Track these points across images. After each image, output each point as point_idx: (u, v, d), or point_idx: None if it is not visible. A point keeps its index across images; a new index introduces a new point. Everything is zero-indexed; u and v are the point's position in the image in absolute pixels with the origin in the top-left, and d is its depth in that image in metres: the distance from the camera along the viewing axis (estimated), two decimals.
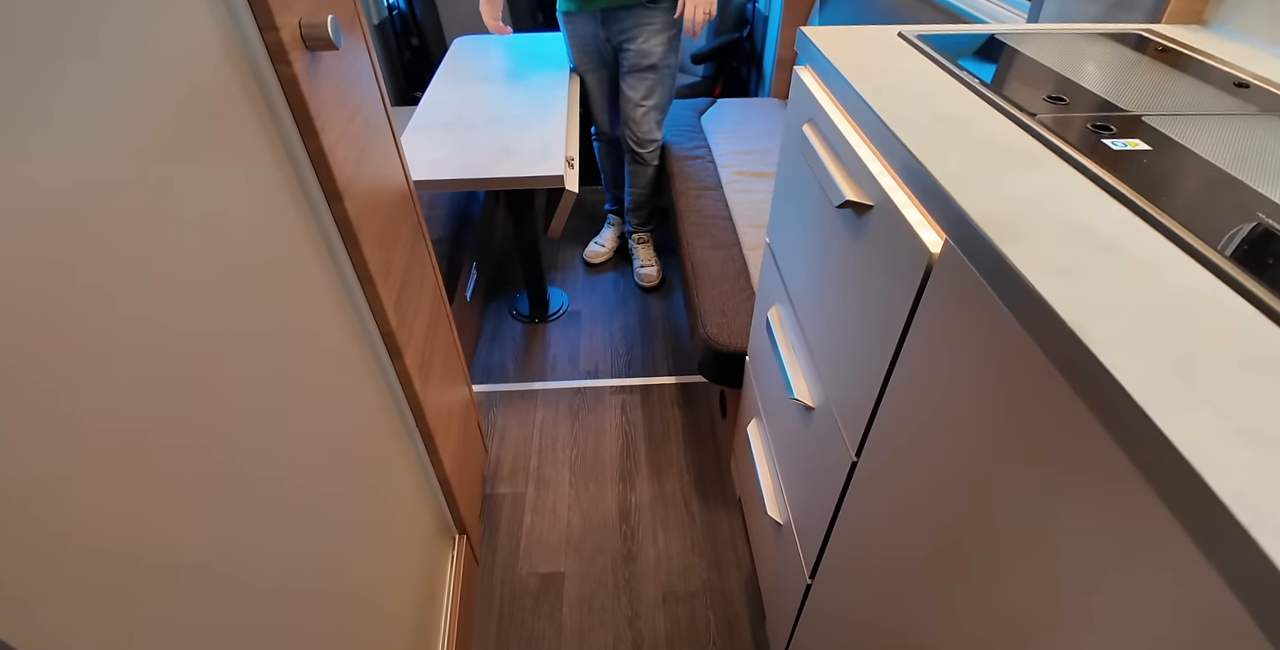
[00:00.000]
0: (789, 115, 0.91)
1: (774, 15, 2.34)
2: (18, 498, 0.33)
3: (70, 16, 0.40)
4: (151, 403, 0.44)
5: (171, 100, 0.50)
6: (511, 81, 1.98)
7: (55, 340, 0.37)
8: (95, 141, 0.41)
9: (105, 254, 0.41)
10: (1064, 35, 0.85)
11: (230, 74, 0.60)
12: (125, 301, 0.43)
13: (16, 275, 0.34)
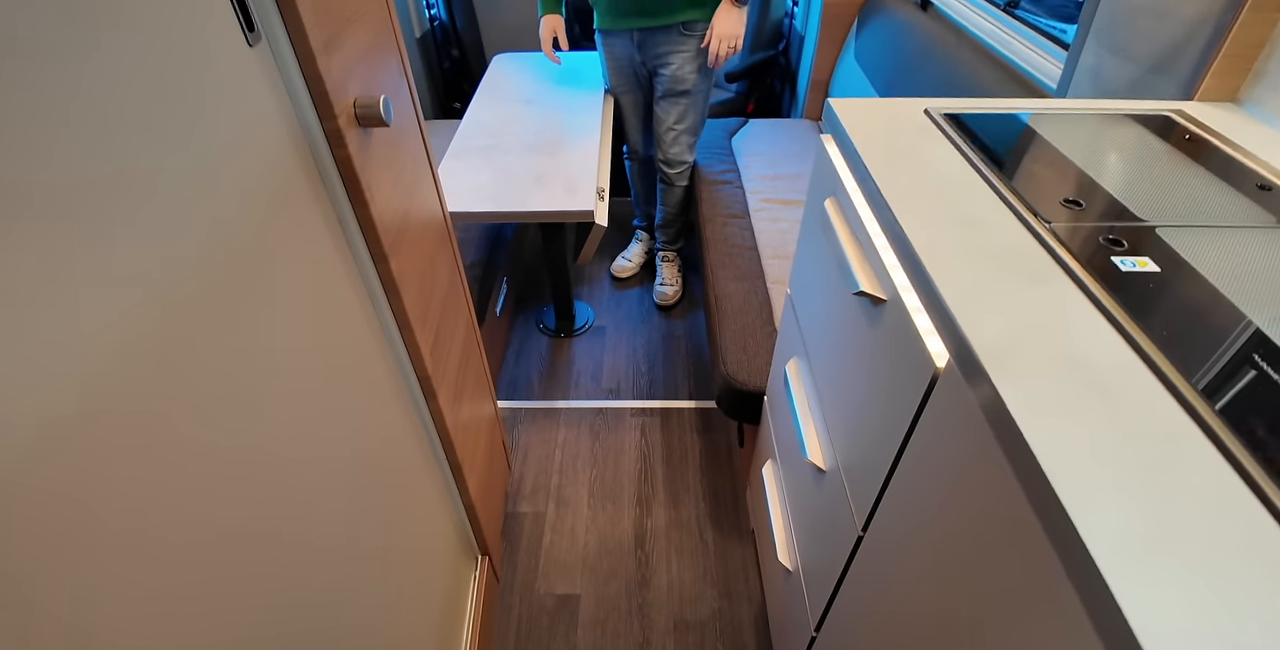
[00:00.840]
0: (812, 185, 0.94)
1: (810, 36, 2.34)
2: None
3: (167, 114, 0.45)
4: (206, 429, 0.50)
5: (244, 188, 0.55)
6: (548, 102, 2.02)
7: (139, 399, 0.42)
8: (182, 229, 0.46)
9: (191, 323, 0.46)
10: (1091, 117, 0.87)
11: (294, 159, 0.65)
12: (204, 361, 0.48)
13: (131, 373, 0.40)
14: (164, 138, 0.45)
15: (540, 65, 2.27)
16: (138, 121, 0.43)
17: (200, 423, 0.48)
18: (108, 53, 0.41)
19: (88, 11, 0.39)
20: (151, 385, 0.43)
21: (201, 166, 0.50)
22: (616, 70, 1.99)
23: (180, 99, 0.47)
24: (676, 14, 1.76)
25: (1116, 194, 0.69)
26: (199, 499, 0.48)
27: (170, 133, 0.46)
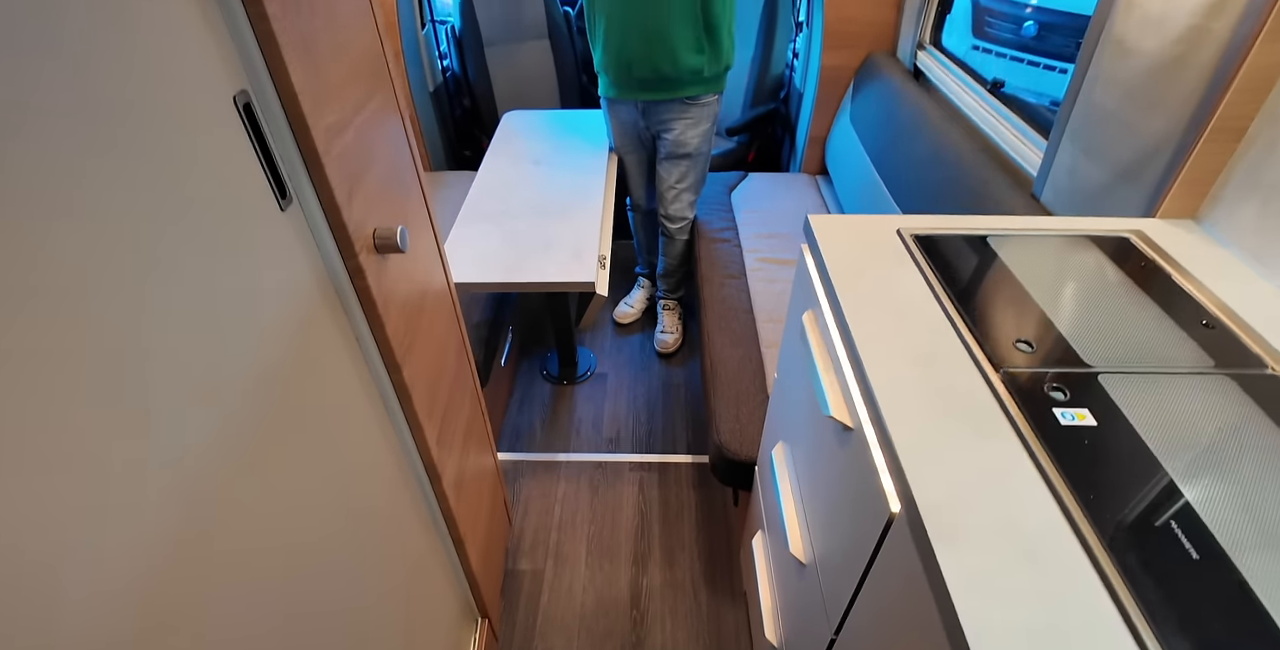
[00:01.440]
0: (794, 295, 1.00)
1: (808, 94, 2.42)
2: None
3: (210, 288, 0.53)
4: (243, 536, 0.56)
5: (278, 333, 0.62)
6: (555, 163, 2.10)
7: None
8: (228, 378, 0.53)
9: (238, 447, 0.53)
10: (1054, 239, 0.93)
11: (319, 297, 0.72)
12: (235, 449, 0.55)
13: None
14: (211, 301, 0.52)
15: (549, 123, 2.36)
16: (186, 297, 0.50)
17: (238, 532, 0.55)
18: (165, 248, 0.48)
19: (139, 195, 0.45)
20: (204, 508, 0.50)
21: (243, 325, 0.57)
22: (621, 132, 2.07)
23: (223, 272, 0.54)
24: (681, 90, 1.85)
25: (1067, 333, 0.75)
26: (231, 595, 0.54)
27: (216, 301, 0.53)
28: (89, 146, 0.40)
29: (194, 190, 0.51)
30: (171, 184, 0.48)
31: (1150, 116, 1.00)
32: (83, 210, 0.40)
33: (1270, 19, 0.82)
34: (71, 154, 0.39)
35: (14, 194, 0.35)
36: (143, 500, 0.45)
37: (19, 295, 0.35)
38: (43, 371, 0.37)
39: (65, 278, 0.38)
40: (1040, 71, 4.23)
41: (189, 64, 0.51)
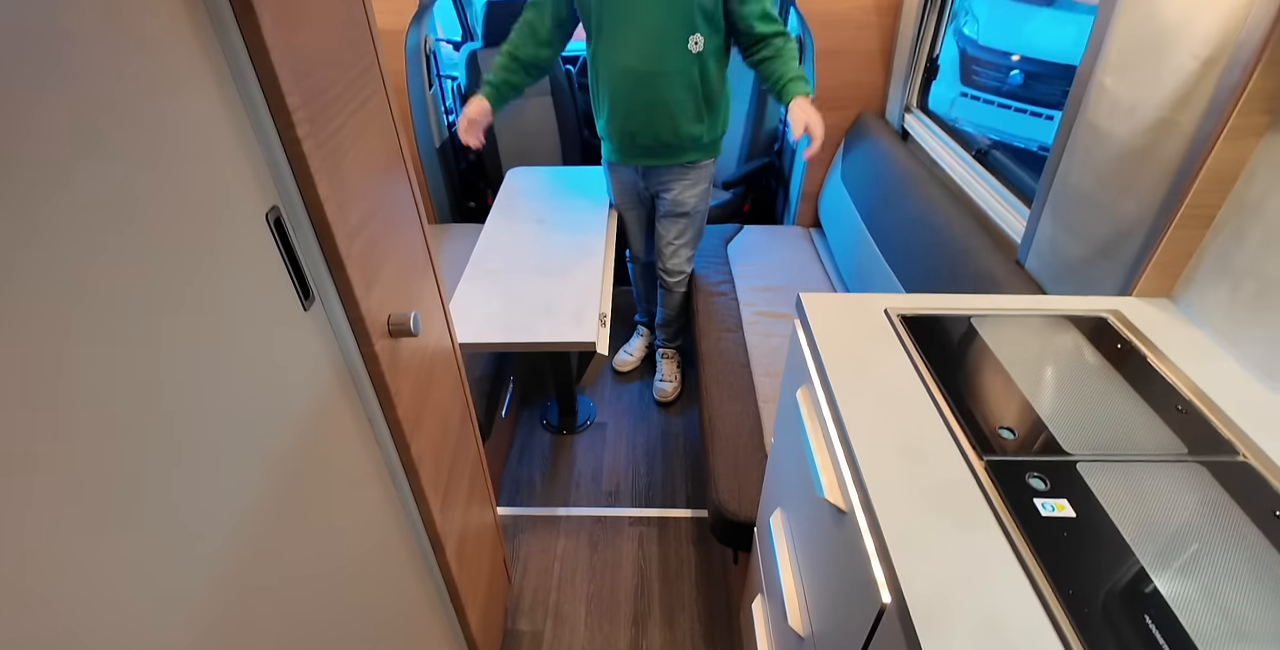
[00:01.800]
0: (788, 370, 1.04)
1: (801, 150, 2.51)
2: None
3: (236, 390, 0.56)
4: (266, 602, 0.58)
5: (297, 425, 0.65)
6: (557, 220, 2.16)
7: None
8: (252, 469, 0.56)
9: None
10: (1034, 319, 0.98)
11: (335, 383, 0.75)
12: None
13: None
14: (236, 399, 0.56)
15: (552, 179, 2.43)
16: (212, 396, 0.54)
17: (252, 613, 0.57)
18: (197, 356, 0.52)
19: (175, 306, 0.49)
20: (222, 594, 0.53)
21: (265, 418, 0.60)
22: (621, 191, 2.15)
23: (247, 371, 0.58)
24: (682, 156, 1.93)
25: (1048, 419, 0.79)
26: None
27: (240, 398, 0.57)
28: (135, 266, 0.44)
29: (225, 299, 0.55)
30: (205, 294, 0.52)
31: (1123, 199, 1.06)
32: (129, 323, 0.44)
33: (1231, 118, 0.88)
34: (118, 272, 0.43)
35: (76, 302, 0.39)
36: (168, 589, 0.47)
37: (70, 392, 0.39)
38: (82, 466, 0.40)
39: (110, 377, 0.42)
40: (1028, 117, 4.36)
41: (227, 188, 0.56)
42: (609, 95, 1.84)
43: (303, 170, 0.64)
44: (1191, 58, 0.93)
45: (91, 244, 0.41)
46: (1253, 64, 0.84)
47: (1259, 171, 0.88)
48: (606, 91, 1.84)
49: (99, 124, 0.42)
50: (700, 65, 1.74)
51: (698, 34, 1.69)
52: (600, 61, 1.80)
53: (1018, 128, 4.26)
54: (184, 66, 0.50)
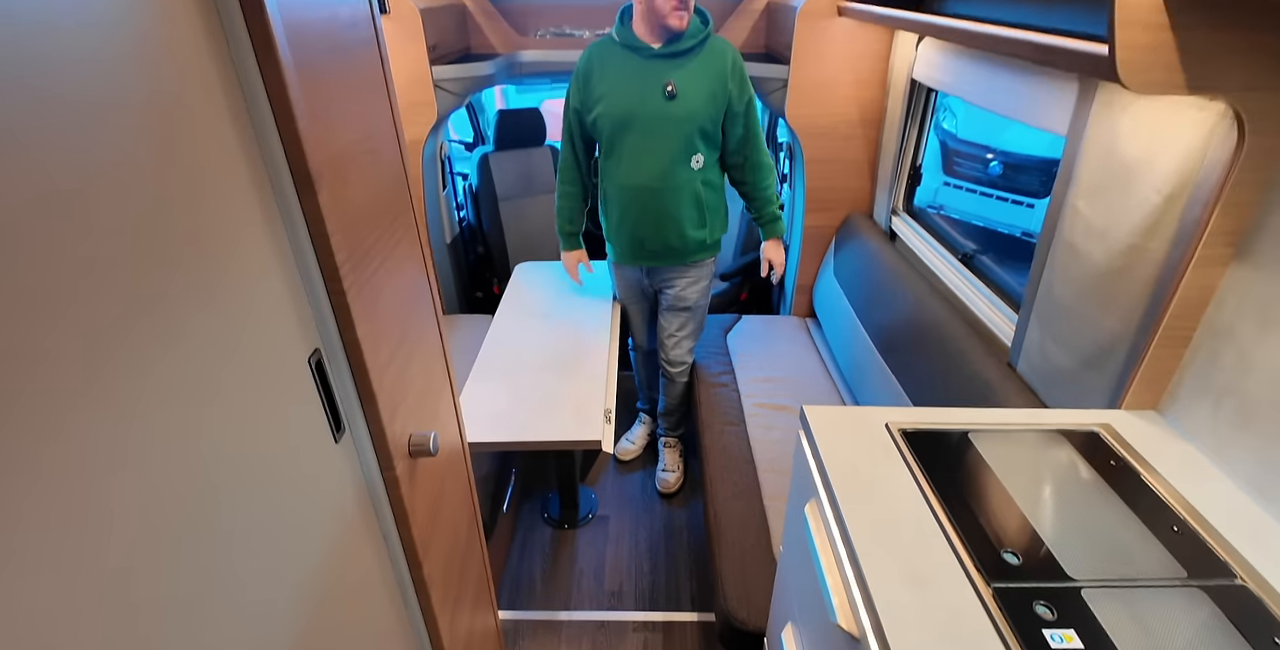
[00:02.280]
0: (794, 483, 1.07)
1: (794, 247, 2.62)
2: None
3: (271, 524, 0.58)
4: None
5: (321, 547, 0.67)
6: (563, 315, 2.23)
7: None
8: (277, 591, 0.58)
9: None
10: (1030, 434, 1.01)
11: (355, 507, 0.78)
12: None
13: None
14: (265, 528, 0.58)
15: (557, 274, 2.52)
16: (243, 531, 0.56)
17: None
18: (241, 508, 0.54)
19: (215, 451, 0.53)
20: None
21: (290, 544, 0.62)
22: (625, 287, 2.23)
23: (277, 503, 0.61)
24: (686, 257, 2.03)
25: (1050, 541, 0.81)
26: None
27: (269, 527, 0.59)
28: (192, 407, 0.48)
29: (265, 440, 0.58)
30: (245, 437, 0.55)
31: (1104, 315, 1.12)
32: (177, 473, 0.47)
33: (1198, 249, 0.95)
34: (178, 414, 0.47)
35: (139, 435, 0.43)
36: None
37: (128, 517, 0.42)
38: (138, 592, 0.42)
39: (160, 505, 0.45)
40: (1009, 205, 4.55)
41: (275, 337, 0.61)
42: (619, 206, 1.97)
43: (344, 315, 0.70)
44: (1155, 192, 1.02)
45: (164, 394, 0.45)
46: (1212, 203, 0.92)
47: (1227, 299, 0.95)
48: (616, 203, 1.97)
49: (174, 285, 0.47)
50: (702, 178, 1.89)
51: (699, 154, 1.83)
52: (611, 176, 1.94)
53: (1000, 215, 4.45)
54: (249, 236, 0.57)
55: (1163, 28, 0.76)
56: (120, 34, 0.42)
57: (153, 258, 0.44)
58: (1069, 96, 1.23)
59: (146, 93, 0.44)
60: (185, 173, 0.48)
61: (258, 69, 0.56)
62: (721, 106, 1.82)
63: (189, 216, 0.48)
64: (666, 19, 1.71)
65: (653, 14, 1.73)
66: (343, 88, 0.69)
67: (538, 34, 2.58)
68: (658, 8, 1.70)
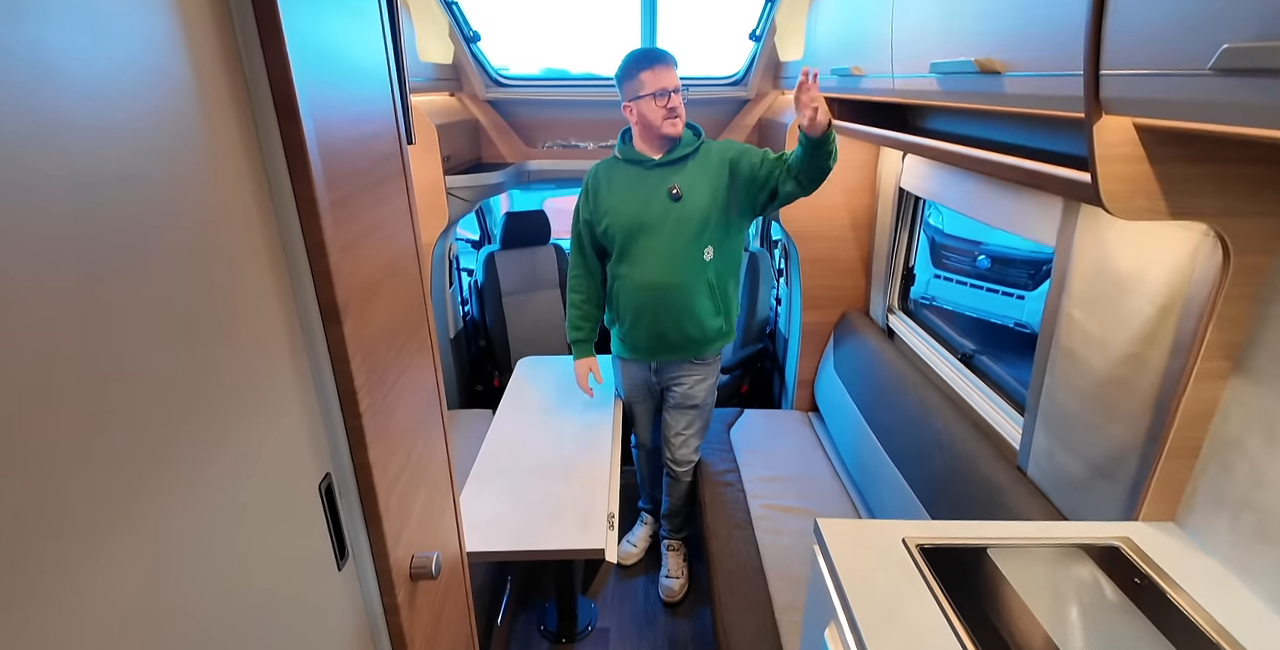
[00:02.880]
0: (811, 602, 1.03)
1: (793, 342, 2.65)
2: None
3: None
4: None
5: None
6: (565, 411, 2.22)
7: None
8: None
9: None
10: (1049, 550, 0.99)
11: (353, 634, 0.74)
12: None
13: None
14: None
15: (558, 368, 2.53)
16: None
17: None
18: None
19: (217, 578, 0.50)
20: None
21: None
22: (631, 385, 2.23)
23: (276, 631, 0.57)
24: (706, 348, 2.05)
25: None
26: None
27: None
28: (195, 548, 0.47)
29: (268, 566, 0.56)
30: (249, 570, 0.53)
31: (1111, 424, 1.12)
32: (172, 606, 0.45)
33: (1197, 362, 0.96)
34: (174, 561, 0.45)
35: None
36: None
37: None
38: None
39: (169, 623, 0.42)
40: (999, 297, 4.64)
41: (286, 464, 0.60)
42: (634, 305, 1.99)
43: (358, 438, 0.70)
44: (1148, 303, 1.05)
45: (179, 532, 0.44)
46: (1205, 316, 0.95)
47: (1232, 410, 0.96)
48: (630, 302, 1.99)
49: (196, 431, 0.47)
50: (715, 269, 1.94)
51: (709, 246, 1.89)
52: (625, 278, 1.98)
53: (992, 306, 4.53)
54: (274, 371, 0.58)
55: (1140, 160, 0.82)
56: (174, 169, 0.45)
57: (178, 404, 0.45)
58: (1054, 211, 1.30)
59: (192, 223, 0.47)
60: (221, 308, 0.50)
61: (295, 205, 0.59)
62: (724, 198, 1.87)
63: (221, 354, 0.50)
64: (661, 128, 1.82)
65: (649, 129, 1.85)
66: (372, 219, 0.73)
67: (545, 145, 2.74)
68: (651, 120, 1.82)
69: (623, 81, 1.83)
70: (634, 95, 1.81)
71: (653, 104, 1.79)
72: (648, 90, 1.78)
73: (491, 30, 2.49)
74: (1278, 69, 0.56)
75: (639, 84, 1.79)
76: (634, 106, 1.83)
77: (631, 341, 2.09)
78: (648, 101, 1.79)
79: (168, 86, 0.45)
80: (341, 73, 0.68)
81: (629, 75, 1.80)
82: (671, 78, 1.79)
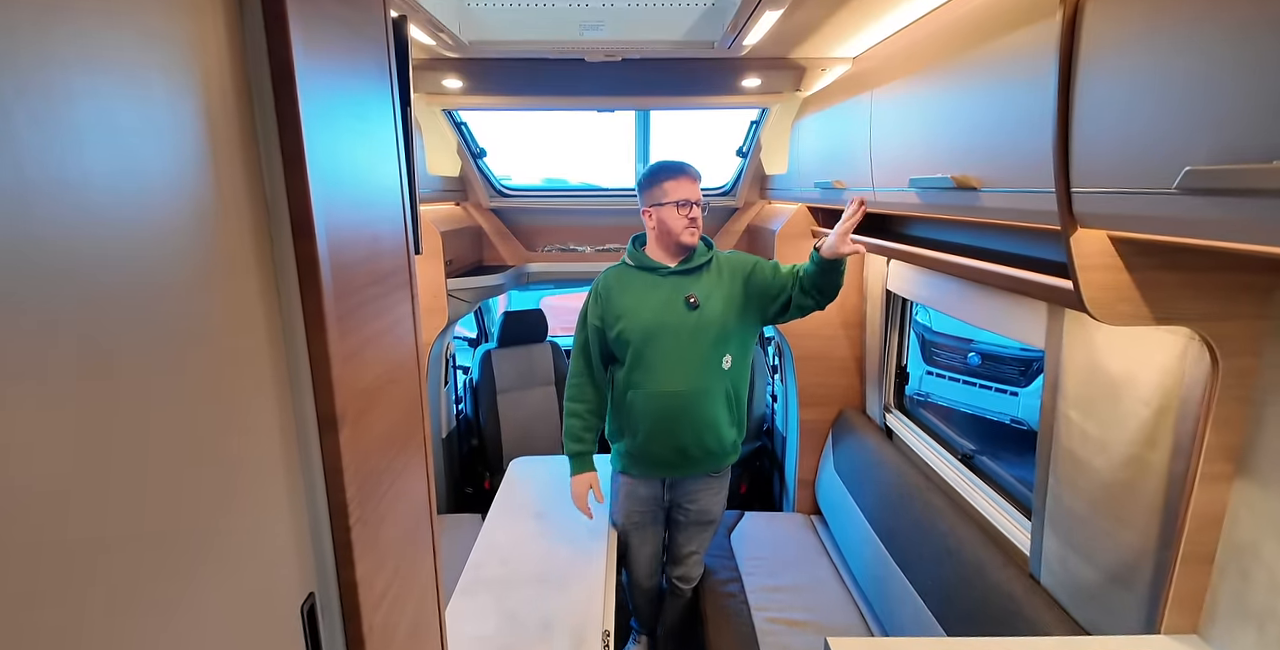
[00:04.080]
0: None
1: (791, 440, 2.62)
2: None
3: None
4: None
5: None
6: (557, 516, 2.12)
7: None
8: None
9: None
10: None
11: None
12: None
13: None
14: None
15: (551, 469, 2.47)
16: None
17: None
18: None
19: None
20: None
21: None
22: (634, 509, 2.02)
23: None
24: (711, 465, 1.93)
25: None
26: None
27: None
28: None
29: None
30: None
31: (1121, 529, 1.09)
32: None
33: (1200, 465, 0.95)
34: None
35: None
36: None
37: None
38: None
39: None
40: (992, 393, 4.63)
41: (272, 591, 0.57)
42: (649, 417, 1.86)
43: (345, 553, 0.67)
44: (1143, 405, 1.05)
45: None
46: (1202, 419, 0.95)
47: (1241, 514, 0.94)
48: (645, 413, 1.86)
49: (183, 555, 0.45)
50: (732, 377, 1.88)
51: (728, 355, 1.85)
52: (639, 386, 1.85)
53: (985, 402, 4.52)
54: (266, 483, 0.56)
55: (1119, 269, 0.85)
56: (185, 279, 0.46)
57: (160, 521, 0.44)
58: (1040, 313, 1.33)
59: (195, 331, 0.47)
60: (220, 415, 0.49)
61: (303, 318, 0.60)
62: (738, 308, 1.85)
63: (209, 467, 0.49)
64: (680, 237, 1.81)
65: (667, 236, 1.83)
66: (376, 327, 0.74)
67: (544, 249, 2.84)
68: (671, 227, 1.80)
69: (646, 187, 1.84)
70: (656, 202, 1.82)
71: (674, 212, 1.79)
72: (671, 198, 1.79)
73: (498, 143, 2.65)
74: (1239, 189, 0.60)
75: (662, 191, 1.80)
76: (654, 212, 1.83)
77: (645, 456, 1.92)
78: (670, 209, 1.79)
79: (192, 208, 0.47)
80: (357, 193, 0.71)
81: (653, 182, 1.82)
82: (695, 190, 1.81)
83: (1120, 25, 0.74)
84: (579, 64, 2.03)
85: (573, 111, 2.50)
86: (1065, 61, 0.81)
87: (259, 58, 0.56)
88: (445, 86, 2.11)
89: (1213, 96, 0.62)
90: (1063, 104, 0.82)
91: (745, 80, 2.10)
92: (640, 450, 1.92)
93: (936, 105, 1.21)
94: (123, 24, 0.42)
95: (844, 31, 1.65)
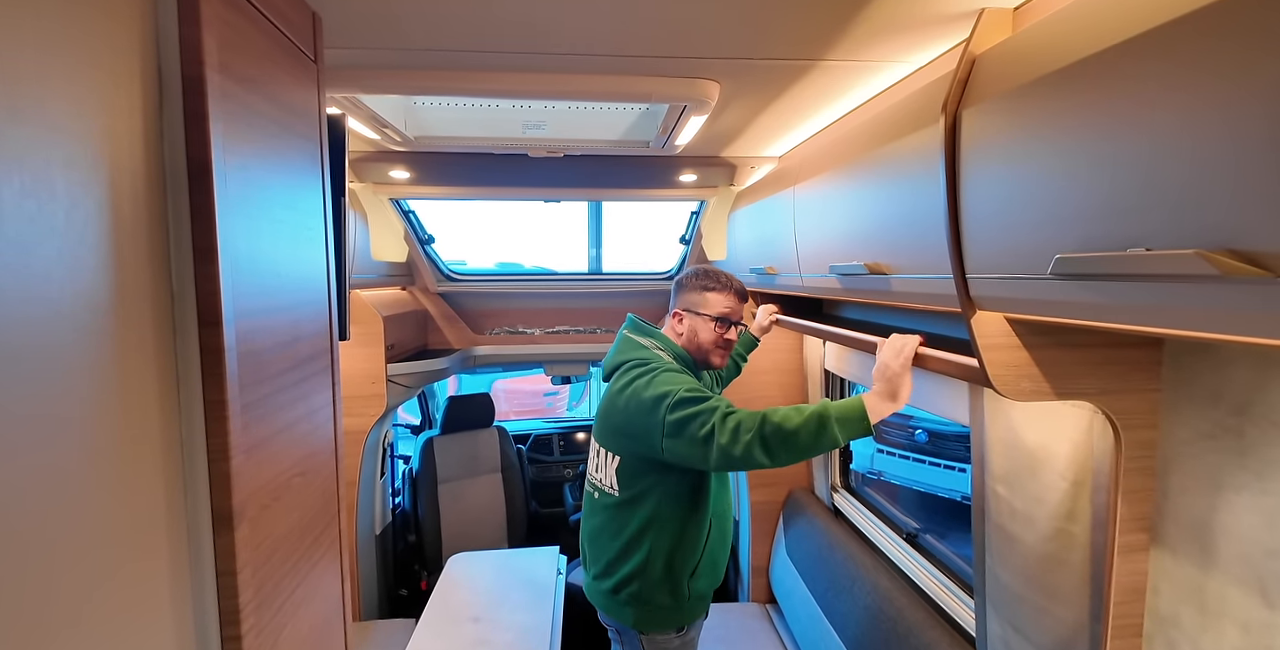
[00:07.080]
0: None
1: (744, 523, 2.57)
2: None
3: None
4: None
5: None
6: (496, 619, 2.00)
7: None
8: None
9: None
10: None
11: None
12: None
13: None
14: None
15: (493, 565, 2.35)
16: None
17: None
18: None
19: None
20: None
21: None
22: None
23: None
24: None
25: None
26: None
27: None
28: None
29: None
30: None
31: (1055, 604, 1.09)
32: None
33: (1117, 536, 0.98)
34: None
35: None
36: None
37: None
38: None
39: None
40: (941, 470, 4.68)
41: None
42: (720, 543, 1.64)
43: None
44: (1061, 478, 1.08)
45: None
46: (1113, 490, 0.98)
47: (1161, 585, 0.95)
48: (718, 540, 1.62)
49: None
50: None
51: None
52: (709, 512, 1.57)
53: (935, 479, 4.56)
54: (145, 583, 0.52)
55: (1018, 347, 0.91)
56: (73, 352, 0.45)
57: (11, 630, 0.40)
58: (964, 391, 1.39)
59: (93, 414, 0.45)
60: (95, 508, 0.47)
61: (203, 408, 0.59)
62: None
63: (79, 567, 0.45)
64: (710, 356, 1.60)
65: (695, 348, 1.60)
66: (288, 417, 0.72)
67: (492, 332, 2.84)
68: (703, 342, 1.58)
69: (687, 288, 1.61)
70: (693, 309, 1.59)
71: (711, 327, 1.57)
72: (711, 312, 1.57)
73: (451, 228, 2.69)
74: (1102, 274, 0.66)
75: (705, 300, 1.58)
76: (687, 319, 1.59)
77: (706, 590, 1.65)
78: (706, 322, 1.57)
79: (85, 300, 0.47)
80: (277, 281, 0.72)
81: (699, 287, 1.59)
82: (739, 310, 1.61)
83: (992, 130, 0.83)
84: (524, 158, 2.13)
85: (520, 201, 2.58)
86: (950, 161, 0.90)
87: (176, 153, 0.57)
88: (392, 177, 2.17)
89: (1077, 192, 0.69)
90: (951, 198, 0.90)
91: (682, 175, 2.23)
92: (707, 586, 1.65)
93: (850, 199, 1.30)
94: (27, 120, 0.43)
95: (767, 134, 1.79)
